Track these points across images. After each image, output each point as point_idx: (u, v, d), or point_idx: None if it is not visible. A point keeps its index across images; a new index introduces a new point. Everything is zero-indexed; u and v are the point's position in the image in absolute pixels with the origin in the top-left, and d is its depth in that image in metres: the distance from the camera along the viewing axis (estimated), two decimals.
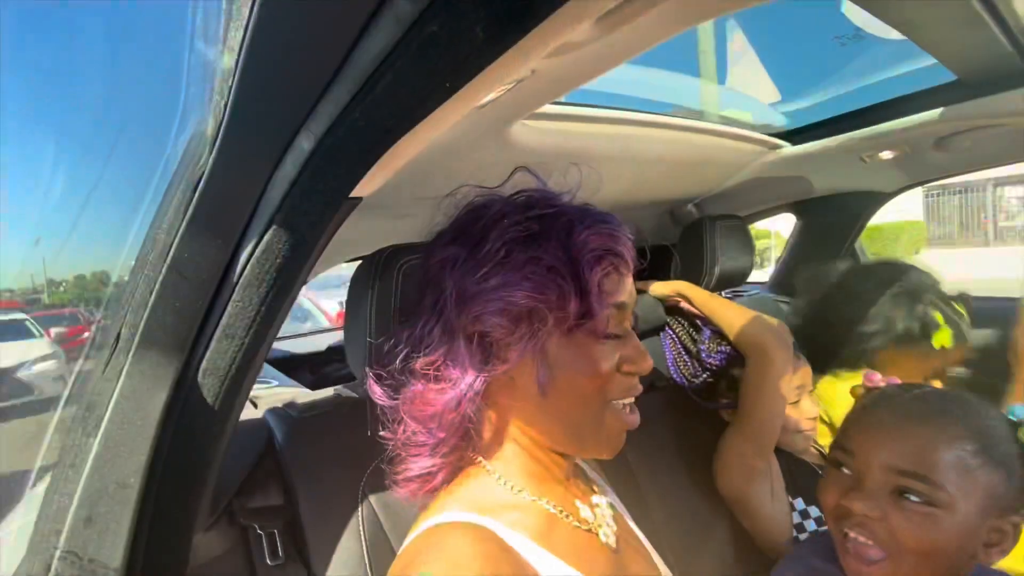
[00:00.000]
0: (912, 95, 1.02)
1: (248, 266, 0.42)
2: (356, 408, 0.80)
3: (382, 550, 0.68)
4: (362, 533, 0.68)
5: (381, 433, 0.52)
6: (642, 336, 1.16)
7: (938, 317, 1.01)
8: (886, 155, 1.17)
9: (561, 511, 0.52)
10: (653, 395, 1.12)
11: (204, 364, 0.44)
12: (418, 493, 0.53)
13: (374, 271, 0.63)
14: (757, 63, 1.51)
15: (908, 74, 1.04)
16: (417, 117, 0.37)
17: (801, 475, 0.94)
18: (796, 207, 1.57)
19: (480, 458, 0.53)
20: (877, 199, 1.41)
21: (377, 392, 0.52)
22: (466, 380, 0.47)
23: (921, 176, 1.31)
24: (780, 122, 1.24)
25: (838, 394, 1.07)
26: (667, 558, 0.87)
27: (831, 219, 1.50)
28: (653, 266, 1.48)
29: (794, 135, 1.19)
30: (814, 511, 0.89)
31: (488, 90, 0.41)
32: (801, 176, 1.34)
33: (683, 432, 1.07)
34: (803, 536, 0.86)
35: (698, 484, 0.99)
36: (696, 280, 1.29)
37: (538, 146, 0.72)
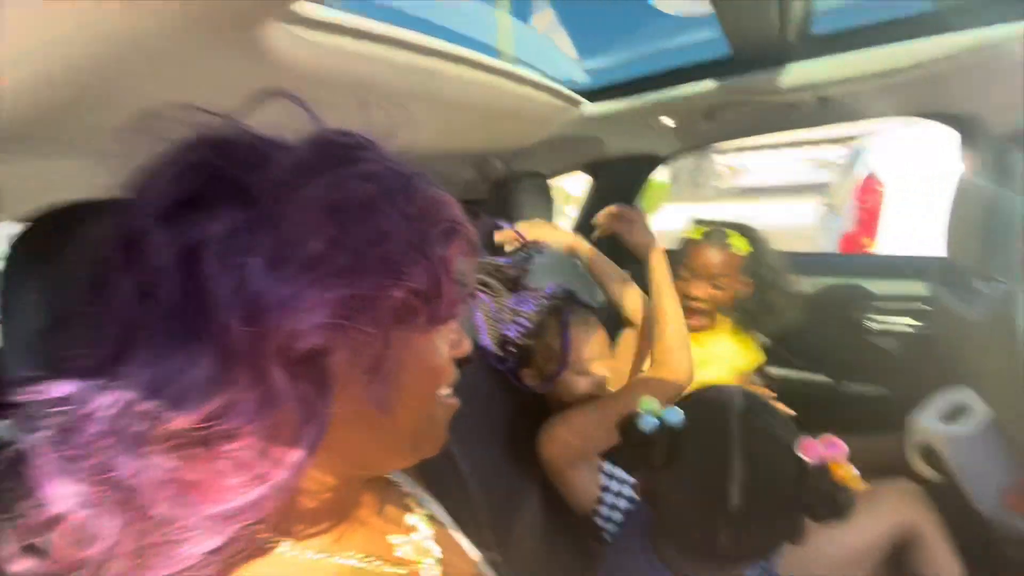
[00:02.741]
0: (694, 66, 1.08)
1: None
2: None
3: None
4: None
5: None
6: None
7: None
8: (668, 121, 1.25)
9: (370, 560, 0.40)
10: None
11: None
12: None
13: (27, 249, 0.38)
14: (555, 22, 1.48)
15: (689, 47, 1.11)
16: None
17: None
18: (590, 168, 1.63)
19: (268, 535, 0.35)
20: (656, 161, 1.55)
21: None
22: (293, 456, 0.30)
23: (690, 142, 1.47)
24: (583, 80, 1.22)
25: None
26: (485, 534, 0.84)
27: (619, 179, 1.60)
28: None
29: (594, 95, 1.18)
30: (619, 472, 0.92)
31: None
32: (598, 137, 1.37)
33: (490, 395, 1.01)
34: (607, 496, 0.90)
35: (509, 450, 0.96)
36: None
37: (308, 65, 0.52)
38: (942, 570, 0.87)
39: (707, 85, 1.07)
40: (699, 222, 1.27)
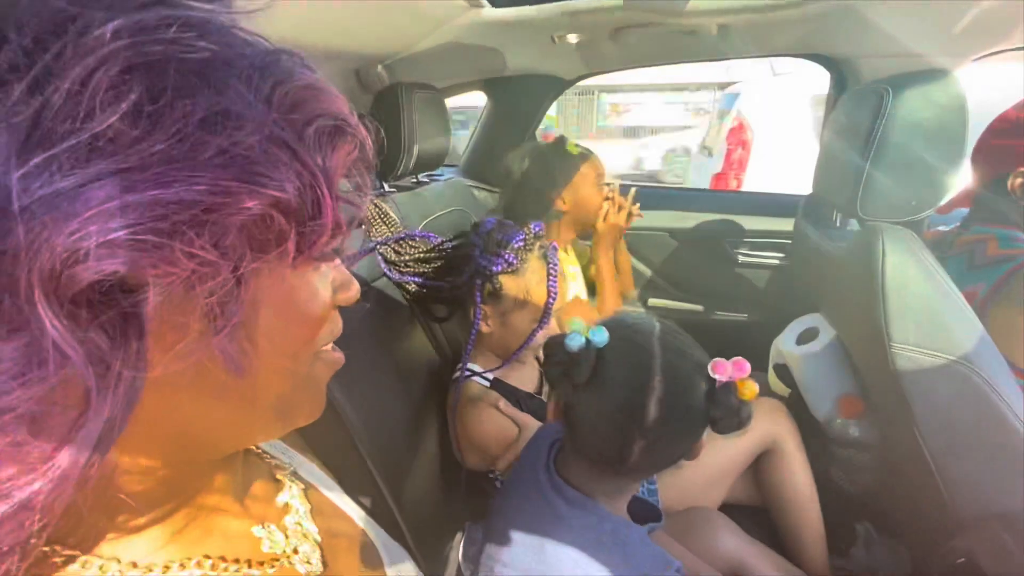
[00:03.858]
0: None
1: None
2: None
3: None
4: None
5: None
6: None
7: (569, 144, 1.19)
8: (572, 38, 1.16)
9: (224, 567, 0.30)
10: None
11: None
12: None
13: None
14: None
15: None
16: None
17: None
18: (487, 86, 1.50)
19: (57, 548, 0.25)
20: (558, 85, 1.46)
21: None
22: (82, 436, 0.21)
23: (594, 67, 1.40)
24: None
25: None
26: (376, 489, 0.77)
27: (519, 101, 1.50)
28: None
29: None
30: None
31: None
32: (496, 49, 1.24)
33: (377, 329, 0.92)
34: None
35: (399, 391, 0.89)
36: (391, 162, 1.10)
37: None
38: (795, 473, 1.00)
39: (615, 1, 0.99)
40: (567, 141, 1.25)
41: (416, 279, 0.93)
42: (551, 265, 0.85)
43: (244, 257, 0.22)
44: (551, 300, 0.85)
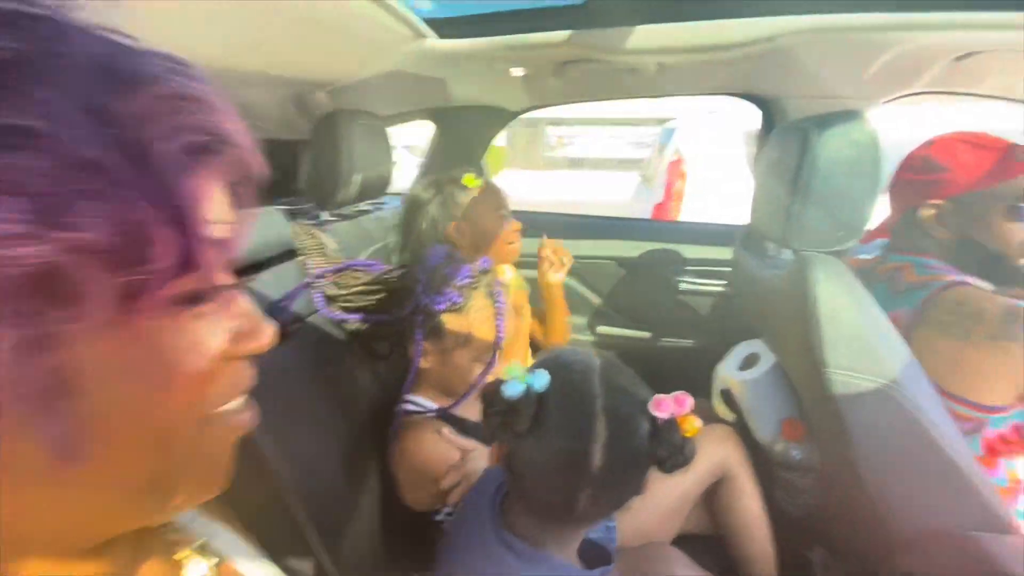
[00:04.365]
0: (545, 10, 1.01)
1: None
2: None
3: None
4: None
5: None
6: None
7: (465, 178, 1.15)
8: (517, 71, 1.18)
9: None
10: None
11: None
12: None
13: None
14: None
15: None
16: None
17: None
18: (434, 116, 1.49)
19: None
20: (504, 116, 1.48)
21: None
22: None
23: (538, 100, 1.43)
24: (427, 8, 1.06)
25: None
26: (307, 547, 0.70)
27: (465, 131, 1.50)
28: (275, 168, 1.12)
29: (441, 28, 1.04)
30: None
31: None
32: (441, 80, 1.23)
33: (314, 368, 0.86)
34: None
35: (340, 435, 0.83)
36: (331, 190, 1.05)
37: None
38: (747, 500, 1.01)
39: (558, 36, 1.01)
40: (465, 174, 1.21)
41: (356, 316, 0.88)
42: (498, 304, 0.83)
43: (39, 317, 0.18)
44: (499, 339, 0.82)
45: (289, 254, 0.91)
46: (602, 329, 1.61)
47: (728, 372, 1.20)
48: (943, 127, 1.02)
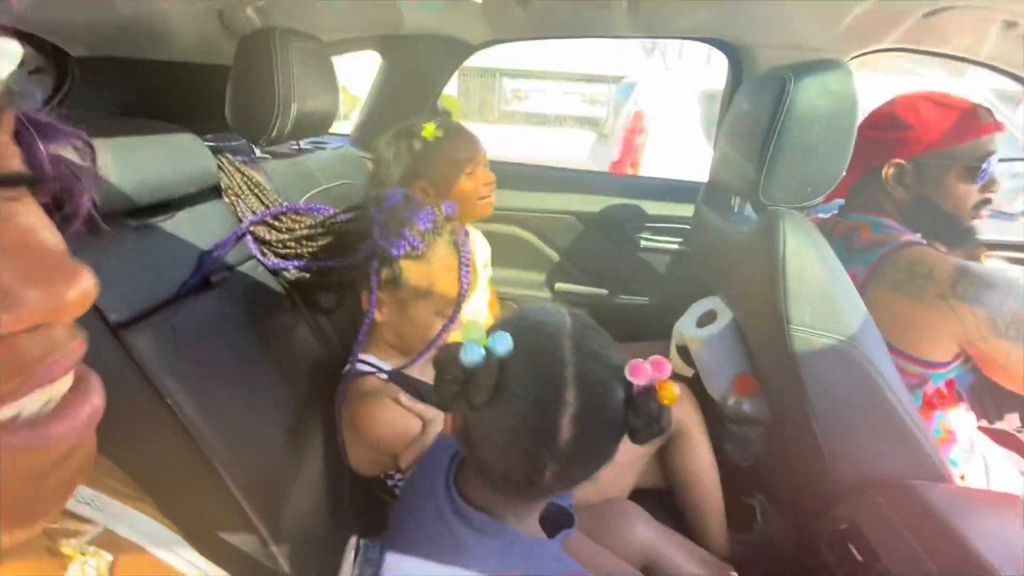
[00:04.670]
0: None
1: None
2: None
3: None
4: None
5: None
6: None
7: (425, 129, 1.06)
8: None
9: None
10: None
11: None
12: None
13: None
14: None
15: None
16: None
17: None
18: (382, 46, 1.34)
19: None
20: (462, 50, 1.34)
21: None
22: None
23: (501, 32, 1.31)
24: None
25: None
26: (246, 520, 0.63)
27: (418, 65, 1.36)
28: (197, 98, 0.95)
29: None
30: None
31: None
32: (392, 2, 1.09)
33: (246, 325, 0.76)
34: None
35: (278, 398, 0.74)
36: (263, 123, 0.92)
37: None
38: (699, 456, 1.02)
39: None
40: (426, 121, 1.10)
41: (297, 263, 0.78)
42: (463, 254, 0.75)
43: None
44: (462, 293, 0.75)
45: (213, 192, 0.78)
46: (560, 286, 1.57)
47: (686, 329, 1.19)
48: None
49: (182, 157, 0.70)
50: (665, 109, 3.40)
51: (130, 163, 0.62)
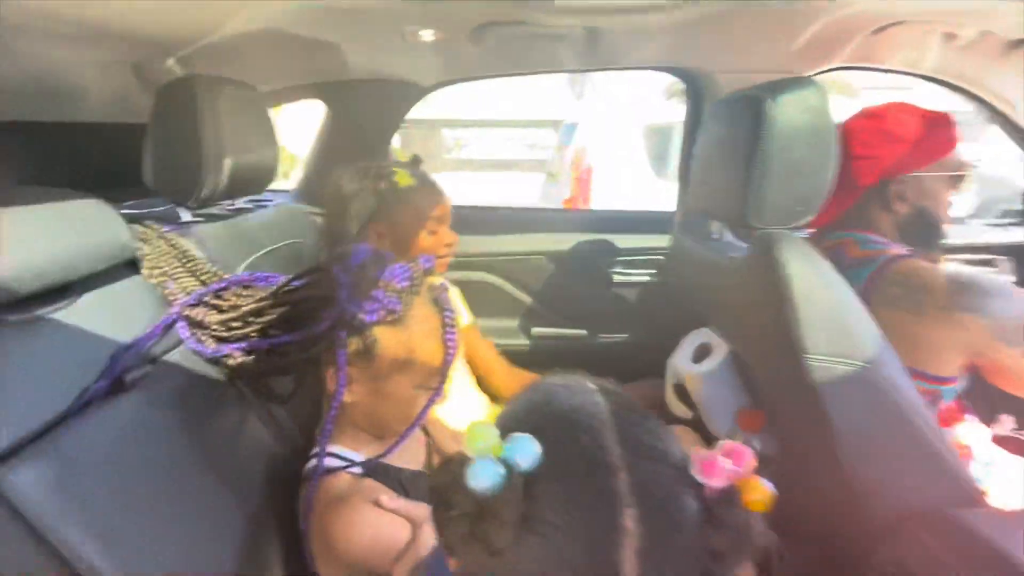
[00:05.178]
0: None
1: None
2: None
3: None
4: None
5: None
6: None
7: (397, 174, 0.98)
8: (427, 35, 0.99)
9: None
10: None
11: None
12: None
13: None
14: None
15: None
16: None
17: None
18: (325, 92, 1.24)
19: None
20: (413, 93, 1.26)
21: None
22: None
23: (456, 73, 1.24)
24: None
25: None
26: None
27: (366, 112, 1.26)
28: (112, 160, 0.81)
29: None
30: None
31: None
32: (334, 44, 1.01)
33: (175, 430, 0.60)
34: None
35: (223, 519, 0.59)
36: (191, 181, 0.79)
37: None
38: None
39: None
40: (396, 165, 1.03)
41: (244, 344, 0.64)
42: (445, 313, 0.64)
43: None
44: (448, 359, 0.63)
45: (127, 269, 0.64)
46: (536, 331, 1.47)
47: (682, 365, 1.12)
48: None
49: (83, 227, 0.56)
50: (608, 145, 3.49)
51: (10, 241, 0.48)
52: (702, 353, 1.11)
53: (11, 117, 0.87)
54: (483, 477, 0.30)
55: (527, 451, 0.31)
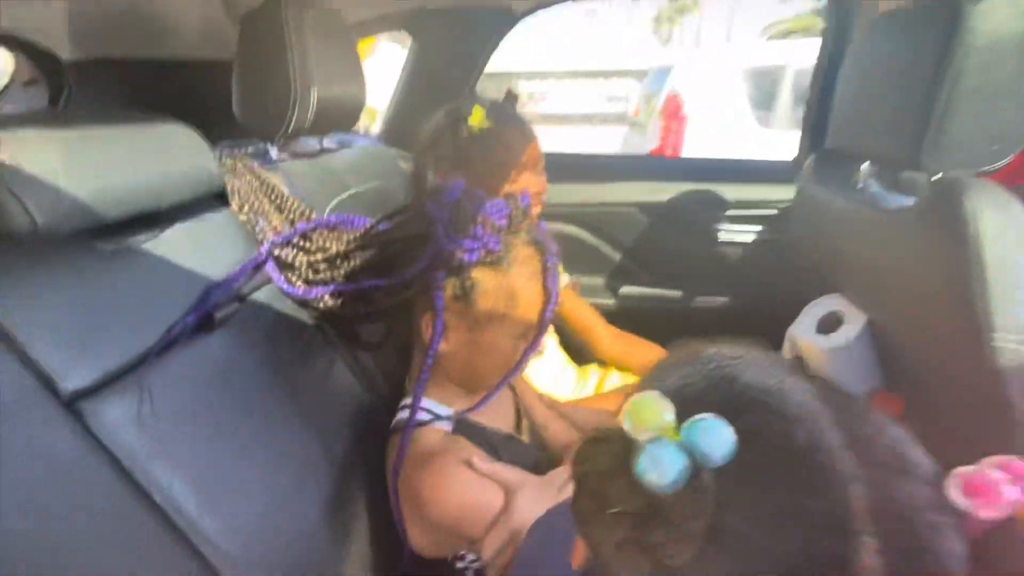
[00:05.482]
0: None
1: None
2: None
3: None
4: None
5: None
6: None
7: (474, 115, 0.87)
8: None
9: None
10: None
11: None
12: None
13: None
14: None
15: None
16: None
17: None
18: (411, 24, 1.16)
19: None
20: (505, 20, 1.15)
21: None
22: None
23: None
24: None
25: None
26: None
27: (455, 41, 1.17)
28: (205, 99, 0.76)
29: None
30: None
31: None
32: None
33: (263, 371, 0.57)
34: None
35: (310, 463, 0.56)
36: (279, 116, 0.75)
37: None
38: None
39: None
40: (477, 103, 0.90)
41: (332, 287, 0.59)
42: (548, 256, 0.56)
43: None
44: (550, 306, 0.55)
45: (214, 201, 0.60)
46: (625, 290, 1.36)
47: (805, 336, 0.97)
48: None
49: (168, 153, 0.52)
50: (704, 91, 3.16)
51: (95, 164, 0.44)
52: (829, 323, 0.96)
53: (100, 54, 0.87)
54: (666, 467, 0.22)
55: (719, 438, 0.22)
